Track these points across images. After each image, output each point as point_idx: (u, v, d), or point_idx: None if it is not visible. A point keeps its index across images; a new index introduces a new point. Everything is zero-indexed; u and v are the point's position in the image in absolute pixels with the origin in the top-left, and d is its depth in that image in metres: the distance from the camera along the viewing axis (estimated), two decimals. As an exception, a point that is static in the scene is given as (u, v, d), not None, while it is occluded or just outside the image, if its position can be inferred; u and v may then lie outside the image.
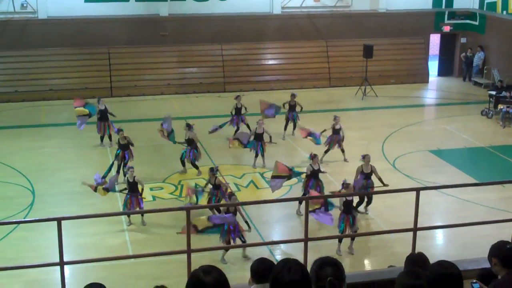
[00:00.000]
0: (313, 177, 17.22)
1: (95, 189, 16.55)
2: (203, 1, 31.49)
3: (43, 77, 29.26)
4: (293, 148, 22.55)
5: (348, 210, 15.19)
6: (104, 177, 17.79)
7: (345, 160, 21.06)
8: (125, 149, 19.67)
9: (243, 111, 22.93)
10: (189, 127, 20.10)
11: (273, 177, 17.13)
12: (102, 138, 22.65)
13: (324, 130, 20.73)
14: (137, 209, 16.38)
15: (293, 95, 23.34)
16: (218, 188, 16.69)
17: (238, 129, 22.93)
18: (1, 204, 17.75)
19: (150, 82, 30.23)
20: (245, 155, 21.22)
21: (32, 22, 29.70)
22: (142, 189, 16.74)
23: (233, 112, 22.93)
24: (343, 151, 21.01)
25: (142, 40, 30.68)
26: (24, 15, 29.71)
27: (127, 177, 16.73)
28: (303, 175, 17.51)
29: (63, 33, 29.75)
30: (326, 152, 20.82)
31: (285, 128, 23.41)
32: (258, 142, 20.45)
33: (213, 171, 16.80)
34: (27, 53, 29.35)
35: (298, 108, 23.29)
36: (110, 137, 22.57)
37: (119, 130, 19.86)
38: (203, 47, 31.28)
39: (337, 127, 20.62)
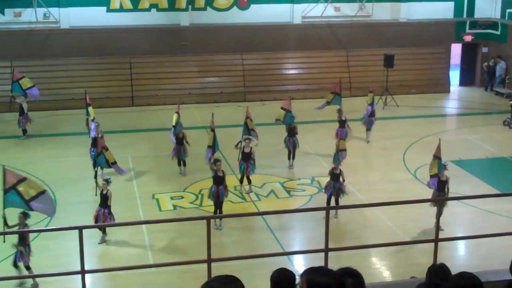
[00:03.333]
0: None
1: None
2: (224, 11, 31.62)
3: (65, 86, 29.48)
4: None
5: (441, 189, 16.20)
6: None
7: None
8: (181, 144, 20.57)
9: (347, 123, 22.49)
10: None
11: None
12: (24, 131, 24.66)
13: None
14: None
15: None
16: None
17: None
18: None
19: (171, 92, 30.34)
20: (265, 165, 21.20)
21: (54, 32, 29.97)
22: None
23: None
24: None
25: (163, 49, 30.85)
26: (47, 25, 30.00)
27: (216, 171, 17.07)
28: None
29: (85, 42, 30.00)
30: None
31: (289, 157, 21.77)
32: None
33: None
34: (49, 63, 29.61)
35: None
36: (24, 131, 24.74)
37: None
38: (224, 57, 31.39)
39: (337, 171, 17.74)
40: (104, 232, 16.13)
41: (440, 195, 16.30)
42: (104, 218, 15.67)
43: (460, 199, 16.98)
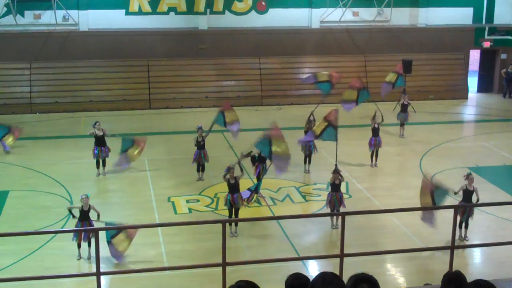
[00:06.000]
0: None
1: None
2: (242, 15, 31.67)
3: (83, 88, 29.65)
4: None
5: (467, 199, 16.17)
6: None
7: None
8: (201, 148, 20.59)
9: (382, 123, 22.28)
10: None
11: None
12: None
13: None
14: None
15: (309, 122, 21.64)
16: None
17: (373, 152, 22.03)
18: (40, 214, 17.97)
19: (189, 95, 30.44)
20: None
21: (73, 34, 30.15)
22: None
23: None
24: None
25: (181, 53, 30.94)
26: (66, 28, 30.20)
27: (228, 178, 16.83)
28: None
29: (104, 45, 30.16)
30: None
31: (305, 161, 21.65)
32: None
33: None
34: (68, 65, 29.80)
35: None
36: None
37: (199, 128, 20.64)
38: (241, 61, 31.43)
39: (337, 182, 17.39)
40: (89, 245, 15.23)
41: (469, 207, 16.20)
42: (89, 234, 14.84)
43: (476, 206, 16.86)
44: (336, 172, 17.25)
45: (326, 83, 22.71)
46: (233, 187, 16.80)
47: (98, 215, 15.41)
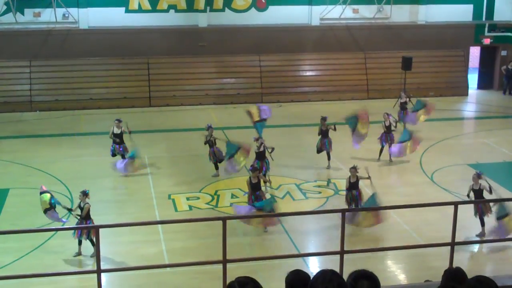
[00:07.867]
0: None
1: None
2: (242, 12, 31.65)
3: (83, 86, 29.64)
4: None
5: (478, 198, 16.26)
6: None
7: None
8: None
9: (392, 128, 22.33)
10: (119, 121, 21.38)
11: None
12: None
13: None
14: None
15: (323, 119, 21.58)
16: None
17: (382, 148, 22.17)
18: (40, 211, 17.81)
19: (189, 92, 30.43)
20: (281, 166, 21.19)
21: (73, 32, 30.14)
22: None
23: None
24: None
25: (181, 50, 30.93)
26: (66, 25, 30.17)
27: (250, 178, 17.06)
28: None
29: (104, 43, 30.14)
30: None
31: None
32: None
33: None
34: (68, 63, 29.78)
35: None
36: None
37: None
38: (241, 58, 31.42)
39: (354, 180, 17.44)
40: (93, 244, 15.13)
41: (478, 204, 16.21)
42: (88, 232, 14.97)
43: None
44: (354, 169, 17.27)
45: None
46: (255, 186, 17.05)
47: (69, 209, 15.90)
